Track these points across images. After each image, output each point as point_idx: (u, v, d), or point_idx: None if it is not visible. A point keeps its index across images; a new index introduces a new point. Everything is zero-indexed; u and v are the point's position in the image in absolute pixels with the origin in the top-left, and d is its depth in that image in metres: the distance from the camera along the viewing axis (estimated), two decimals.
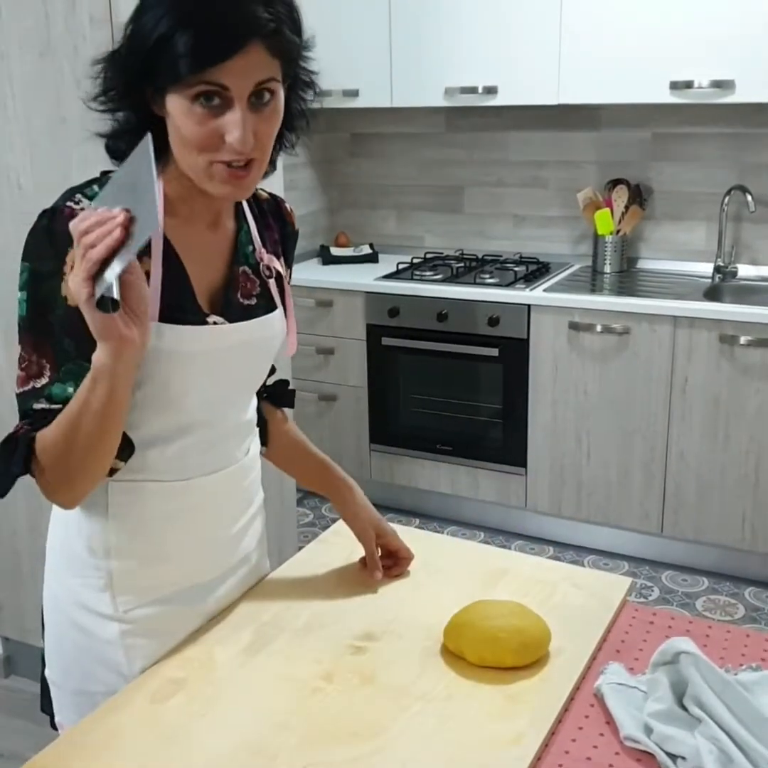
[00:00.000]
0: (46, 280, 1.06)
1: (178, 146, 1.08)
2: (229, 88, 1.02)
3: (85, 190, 1.10)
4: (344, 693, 1.16)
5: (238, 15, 1.01)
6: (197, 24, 1.00)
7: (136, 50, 1.04)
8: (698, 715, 1.06)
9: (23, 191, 2.20)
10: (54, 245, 1.06)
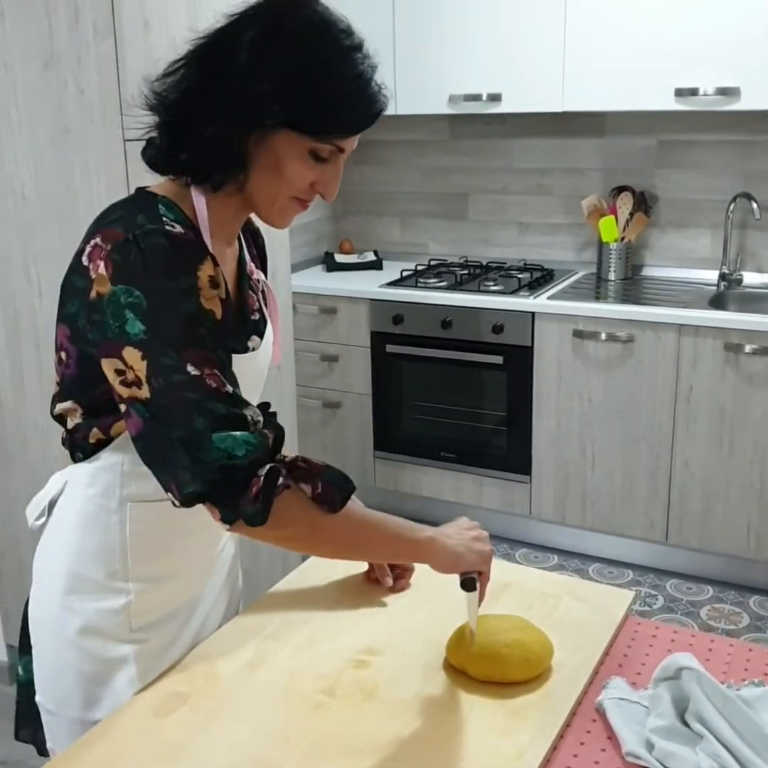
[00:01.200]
0: (187, 295, 1.04)
1: (268, 180, 1.11)
2: (344, 150, 1.12)
3: (161, 213, 1.07)
4: (346, 707, 1.16)
5: (374, 97, 1.10)
6: (351, 100, 1.08)
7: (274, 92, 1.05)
8: (700, 732, 1.06)
9: (27, 201, 2.21)
10: (185, 262, 1.05)
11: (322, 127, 1.08)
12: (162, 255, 1.04)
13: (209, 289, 1.07)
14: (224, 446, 1.01)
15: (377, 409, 3.55)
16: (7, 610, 2.64)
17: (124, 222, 1.06)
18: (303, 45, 1.07)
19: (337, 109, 1.08)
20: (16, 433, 2.44)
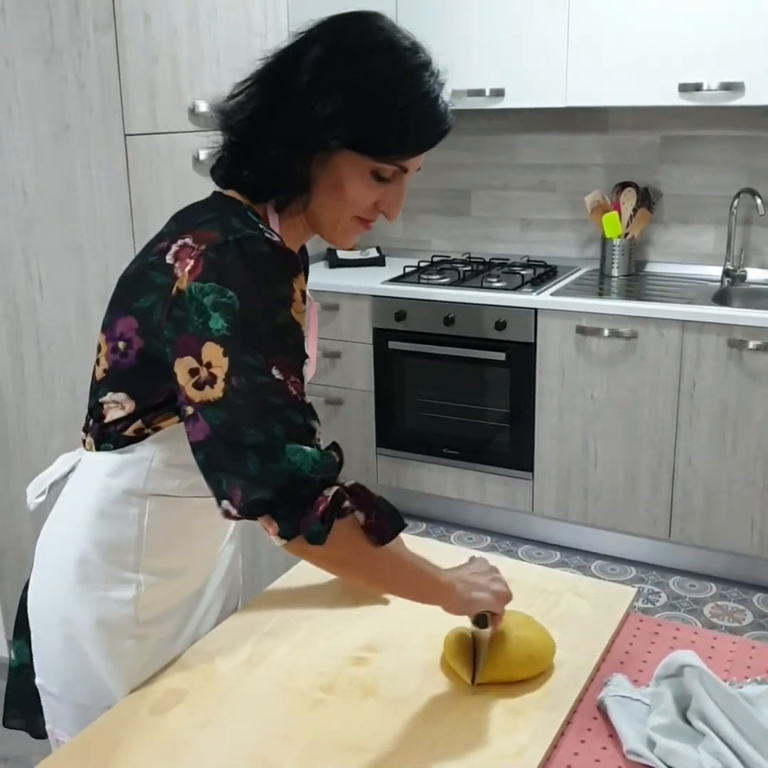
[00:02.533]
0: (281, 303, 1.04)
1: (330, 200, 1.11)
2: (408, 170, 1.12)
3: (254, 221, 1.08)
4: (345, 705, 1.16)
5: (439, 116, 1.11)
6: (414, 121, 1.08)
7: (337, 113, 1.05)
8: (702, 730, 1.05)
9: (27, 197, 2.20)
10: (285, 271, 1.06)
11: (384, 148, 1.08)
12: (264, 261, 1.05)
13: (300, 303, 1.07)
14: (295, 459, 1.00)
15: (379, 405, 3.54)
16: (7, 606, 2.64)
17: (220, 225, 1.07)
18: (366, 64, 1.07)
19: (400, 130, 1.08)
20: (17, 430, 2.44)
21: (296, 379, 1.04)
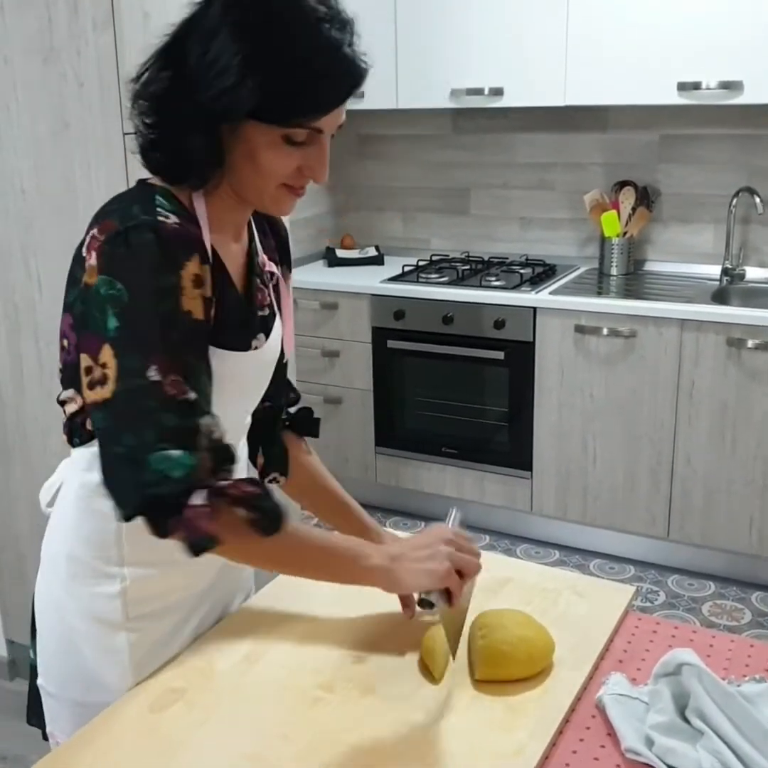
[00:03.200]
0: (166, 294, 1.01)
1: (249, 172, 1.07)
2: (323, 131, 1.06)
3: (157, 204, 1.05)
4: (344, 703, 1.16)
5: (345, 67, 1.03)
6: (311, 77, 1.01)
7: (231, 94, 1.00)
8: (700, 728, 1.05)
9: (26, 195, 2.20)
10: (169, 259, 1.02)
11: (286, 113, 1.02)
12: (146, 250, 1.01)
13: (192, 289, 1.03)
14: (161, 467, 0.98)
15: (378, 404, 3.54)
16: (6, 605, 2.64)
17: (120, 213, 1.05)
18: (257, 26, 1.00)
19: (297, 92, 1.01)
20: (16, 429, 2.44)
21: (177, 376, 1.00)
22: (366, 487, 3.65)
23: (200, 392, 1.03)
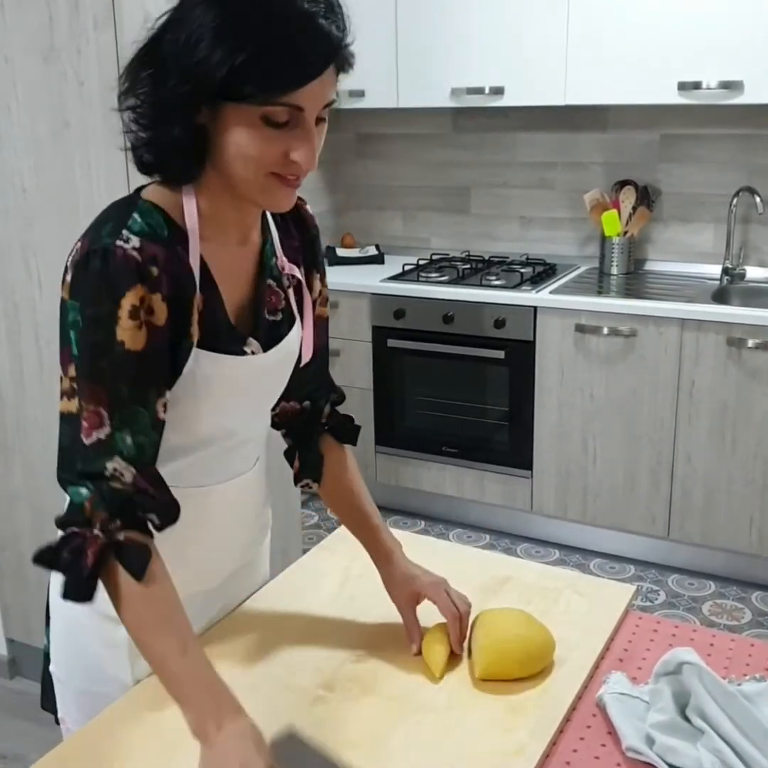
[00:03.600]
0: (101, 324, 1.02)
1: (232, 159, 1.03)
2: (304, 109, 1.00)
3: (128, 224, 1.04)
4: (345, 702, 1.16)
5: (318, 38, 0.98)
6: (283, 48, 0.96)
7: (202, 67, 0.97)
8: (701, 727, 1.05)
9: (27, 194, 2.20)
10: (109, 290, 1.02)
11: (258, 88, 0.97)
12: (93, 279, 1.02)
13: (127, 319, 1.02)
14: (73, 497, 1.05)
15: (378, 403, 3.54)
16: (6, 604, 2.64)
17: (92, 233, 1.05)
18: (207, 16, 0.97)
19: (269, 64, 0.96)
20: (16, 428, 2.44)
21: (98, 407, 1.03)
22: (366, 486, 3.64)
23: (125, 431, 1.04)
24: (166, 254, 1.05)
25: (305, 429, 1.37)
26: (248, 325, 1.17)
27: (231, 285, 1.15)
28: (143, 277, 1.02)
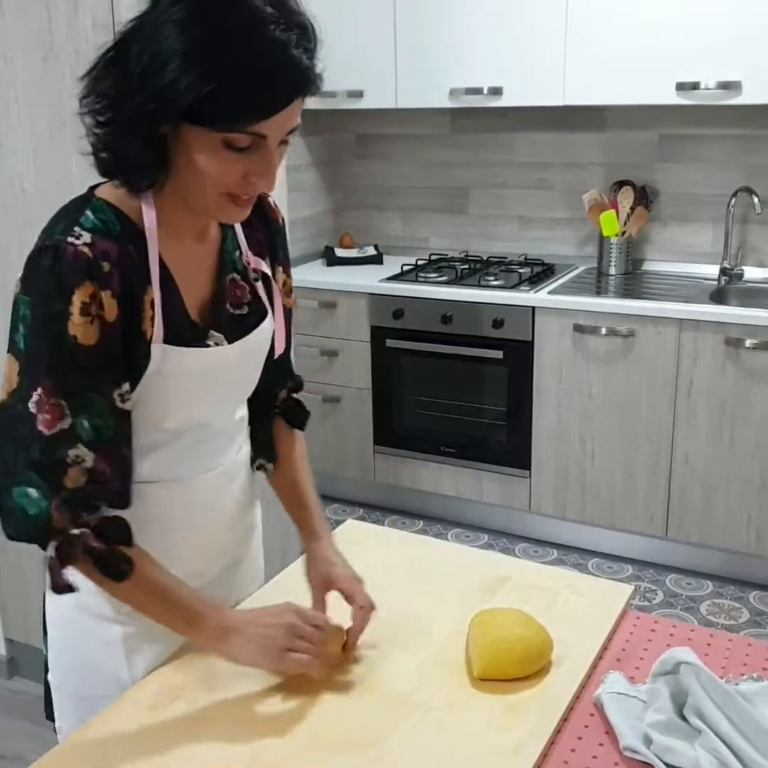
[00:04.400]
0: (54, 320, 1.03)
1: (190, 177, 1.04)
2: (267, 137, 1.00)
3: (80, 221, 1.05)
4: (344, 702, 1.16)
5: (289, 69, 0.97)
6: (251, 79, 0.96)
7: (168, 91, 0.97)
8: (698, 727, 1.06)
9: (26, 194, 2.20)
10: (60, 286, 1.03)
11: (221, 117, 0.97)
12: (43, 276, 1.03)
13: (79, 315, 1.03)
14: (20, 502, 1.05)
15: (377, 403, 3.55)
16: (5, 604, 2.64)
17: (46, 230, 1.07)
18: (187, 25, 0.96)
19: (233, 94, 0.96)
20: None
21: (58, 400, 1.04)
22: (364, 486, 3.65)
23: (82, 416, 1.06)
24: (118, 250, 1.06)
25: (260, 413, 1.38)
26: (211, 320, 1.18)
27: (190, 281, 1.16)
28: (94, 273, 1.04)
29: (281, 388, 1.42)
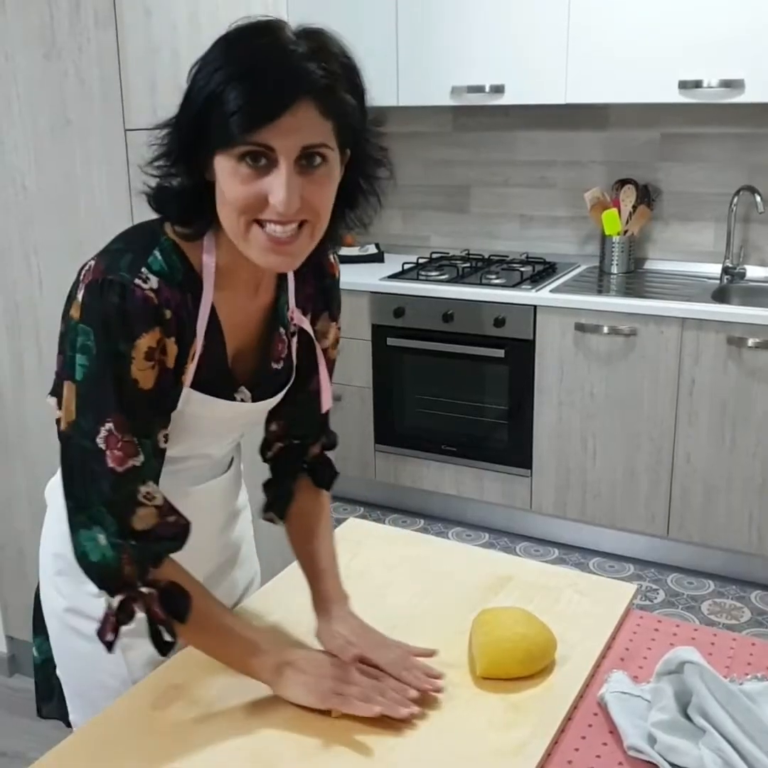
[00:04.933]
0: (118, 359, 1.03)
1: (221, 208, 1.03)
2: (275, 149, 0.97)
3: (149, 261, 1.05)
4: None
5: (286, 71, 0.96)
6: (246, 82, 0.95)
7: (188, 109, 1.00)
8: (702, 726, 1.05)
9: (27, 191, 2.20)
10: (127, 327, 1.03)
11: (217, 129, 0.98)
12: (108, 312, 1.02)
13: (142, 360, 1.04)
14: (84, 546, 1.07)
15: (378, 402, 3.54)
16: (6, 602, 2.64)
17: (110, 260, 1.05)
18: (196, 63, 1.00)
19: (217, 105, 0.96)
20: (17, 425, 2.43)
21: (131, 437, 1.05)
22: (365, 484, 3.65)
23: (148, 456, 1.07)
24: (179, 299, 1.07)
25: (286, 465, 1.37)
26: (246, 373, 1.18)
27: (235, 332, 1.16)
28: (160, 319, 1.04)
29: (314, 442, 1.37)
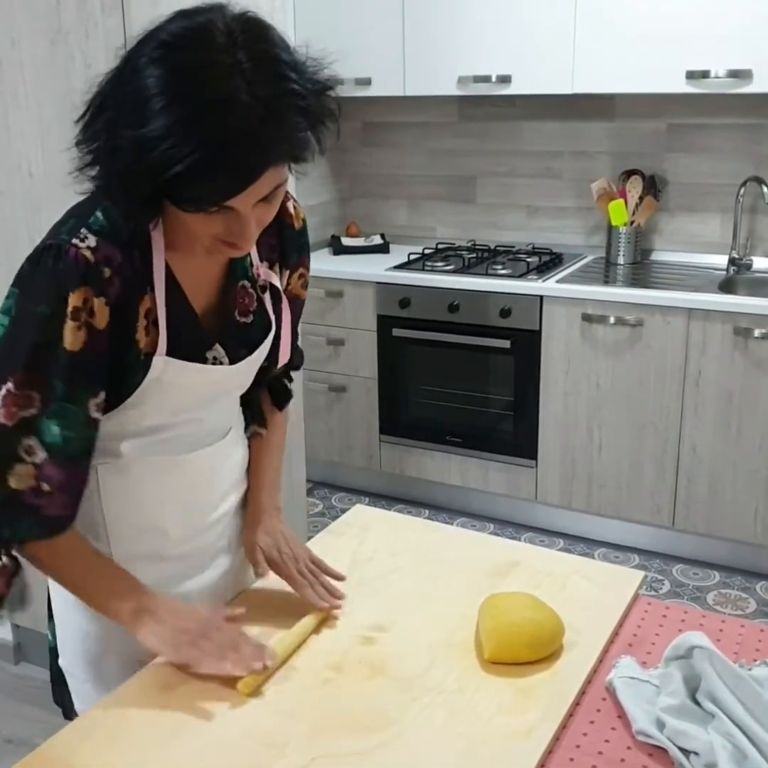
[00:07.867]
0: (47, 321, 1.03)
1: (180, 226, 1.05)
2: (235, 208, 0.98)
3: (89, 222, 1.05)
4: (354, 684, 1.16)
5: (250, 149, 0.93)
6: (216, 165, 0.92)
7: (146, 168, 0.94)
8: (711, 711, 1.05)
9: (34, 179, 2.20)
10: (58, 288, 1.03)
11: (180, 198, 0.97)
12: (41, 276, 1.03)
13: (69, 320, 1.03)
14: None
15: (383, 393, 3.54)
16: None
17: (54, 228, 1.07)
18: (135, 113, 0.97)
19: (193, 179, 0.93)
20: None
21: (29, 393, 1.03)
22: (370, 475, 3.65)
23: (53, 421, 1.05)
24: (122, 256, 1.06)
25: (256, 381, 1.36)
26: (215, 330, 1.18)
27: (197, 289, 1.15)
28: (91, 278, 1.03)
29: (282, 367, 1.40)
